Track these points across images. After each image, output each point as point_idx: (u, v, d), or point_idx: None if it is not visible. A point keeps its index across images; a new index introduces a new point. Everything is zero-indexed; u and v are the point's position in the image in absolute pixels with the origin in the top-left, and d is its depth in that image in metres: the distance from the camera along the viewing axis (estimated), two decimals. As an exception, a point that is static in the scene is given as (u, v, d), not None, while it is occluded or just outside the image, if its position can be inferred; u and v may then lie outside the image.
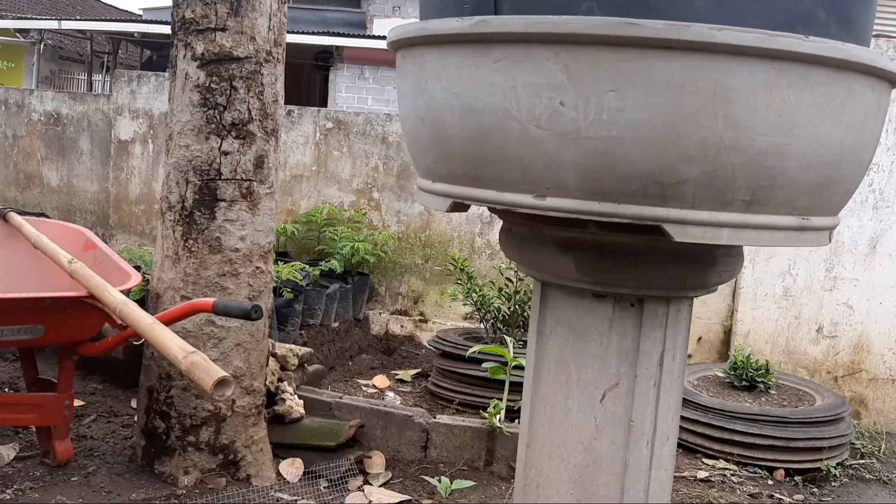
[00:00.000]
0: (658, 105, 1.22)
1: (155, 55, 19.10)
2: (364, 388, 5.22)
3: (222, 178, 3.24)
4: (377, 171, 6.82)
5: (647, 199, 1.28)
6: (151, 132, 7.47)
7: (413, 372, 5.76)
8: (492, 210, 1.64)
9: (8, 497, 3.08)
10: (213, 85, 3.20)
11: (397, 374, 5.67)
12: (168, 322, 2.73)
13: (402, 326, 6.76)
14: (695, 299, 1.70)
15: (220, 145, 3.22)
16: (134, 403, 4.29)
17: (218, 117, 3.21)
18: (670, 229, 1.30)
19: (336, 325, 5.99)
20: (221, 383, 2.17)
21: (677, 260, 1.51)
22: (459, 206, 1.49)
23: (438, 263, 6.68)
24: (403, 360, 6.26)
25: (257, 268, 3.39)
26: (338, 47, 14.19)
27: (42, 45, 18.30)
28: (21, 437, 3.69)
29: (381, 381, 5.39)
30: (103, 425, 3.96)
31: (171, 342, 2.42)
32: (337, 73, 14.40)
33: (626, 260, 1.49)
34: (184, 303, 3.01)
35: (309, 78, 17.25)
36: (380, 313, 6.82)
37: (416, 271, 6.79)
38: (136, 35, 16.49)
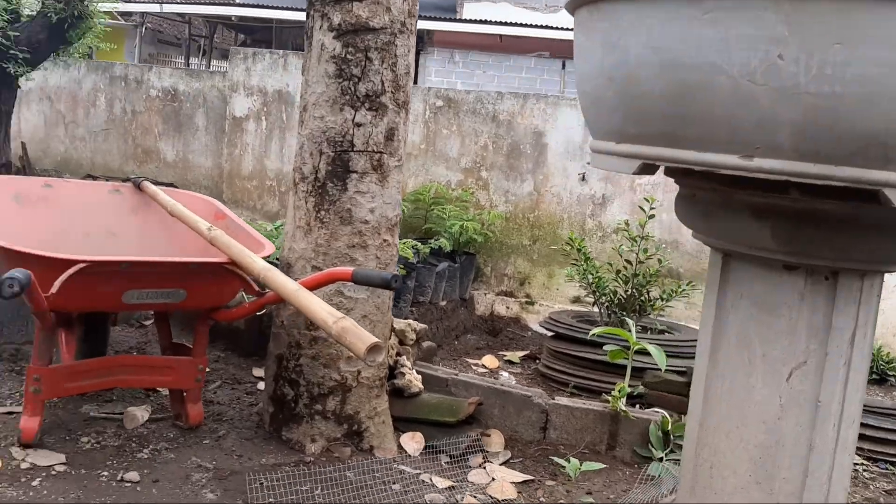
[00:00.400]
0: (890, 60, 1.13)
1: (248, 39, 19.47)
2: (474, 368, 5.21)
3: (355, 149, 3.25)
4: (486, 149, 6.78)
5: (867, 161, 1.20)
6: (265, 109, 7.61)
7: (521, 354, 5.73)
8: (671, 172, 1.57)
9: (146, 456, 3.18)
10: (348, 56, 3.20)
11: (505, 356, 5.64)
12: (309, 289, 2.75)
13: (507, 308, 6.72)
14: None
15: (354, 117, 3.23)
16: (255, 372, 4.40)
17: (352, 88, 3.21)
18: (891, 194, 1.20)
19: (444, 303, 6.00)
20: (374, 348, 2.16)
21: (881, 231, 1.41)
22: (649, 167, 1.42)
23: (546, 245, 6.61)
24: (510, 342, 6.23)
25: (385, 240, 3.39)
26: (428, 31, 14.15)
27: (143, 29, 18.88)
28: (152, 399, 3.81)
29: (490, 361, 5.37)
30: (228, 391, 4.06)
31: (319, 307, 2.43)
32: (427, 56, 14.40)
33: (827, 229, 1.40)
34: (322, 271, 3.03)
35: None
36: (485, 294, 6.79)
37: (522, 252, 6.74)
38: (233, 19, 16.82)
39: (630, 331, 3.96)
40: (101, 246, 3.71)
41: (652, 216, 4.84)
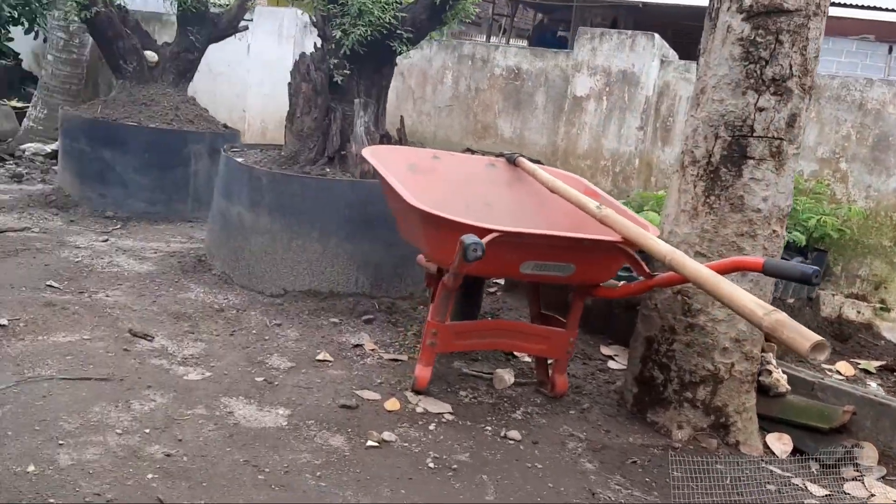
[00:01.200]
0: None
1: (545, 18, 19.53)
2: (828, 373, 4.85)
3: (754, 134, 3.14)
4: (848, 139, 6.24)
5: None
6: (607, 89, 7.63)
7: (877, 364, 5.24)
8: None
9: (519, 417, 3.36)
10: (757, 38, 3.08)
11: (859, 364, 5.19)
12: (714, 276, 2.70)
13: (858, 312, 6.18)
14: None
15: (757, 101, 3.12)
16: (604, 350, 4.46)
17: (758, 72, 3.10)
18: None
19: (791, 300, 5.66)
20: (818, 346, 2.08)
21: None
22: None
23: (912, 248, 5.97)
24: (861, 349, 5.72)
25: (774, 231, 3.25)
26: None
27: (454, 7, 19.62)
28: (512, 364, 4.00)
29: (844, 367, 4.97)
30: (581, 366, 4.16)
31: (745, 297, 2.39)
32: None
33: None
34: (725, 258, 2.97)
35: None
36: (832, 294, 6.30)
37: (881, 254, 6.14)
38: (537, -3, 16.98)
39: None
40: (480, 215, 3.93)
41: None
